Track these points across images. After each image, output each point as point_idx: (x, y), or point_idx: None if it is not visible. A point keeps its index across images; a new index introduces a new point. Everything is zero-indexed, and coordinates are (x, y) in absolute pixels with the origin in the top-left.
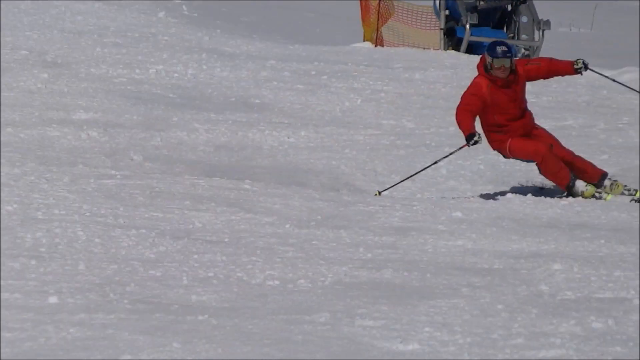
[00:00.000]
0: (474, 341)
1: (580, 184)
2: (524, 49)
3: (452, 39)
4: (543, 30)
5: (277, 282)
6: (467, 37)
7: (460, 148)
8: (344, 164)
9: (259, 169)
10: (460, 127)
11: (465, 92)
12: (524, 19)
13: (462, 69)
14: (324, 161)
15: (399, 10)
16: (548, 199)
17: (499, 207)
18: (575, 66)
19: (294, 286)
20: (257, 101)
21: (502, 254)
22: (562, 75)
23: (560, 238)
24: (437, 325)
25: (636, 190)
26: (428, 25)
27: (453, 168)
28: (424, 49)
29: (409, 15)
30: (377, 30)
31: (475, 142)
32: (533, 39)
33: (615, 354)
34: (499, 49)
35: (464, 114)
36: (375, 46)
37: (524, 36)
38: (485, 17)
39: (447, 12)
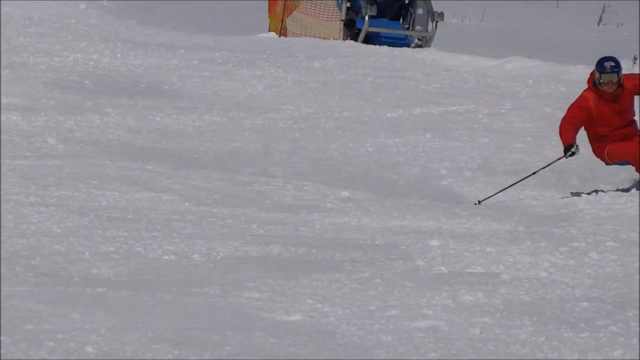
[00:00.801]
0: (353, 312)
1: None
2: (418, 39)
3: (351, 30)
4: (436, 22)
5: (172, 257)
6: (366, 28)
7: (558, 159)
8: (243, 146)
9: (163, 151)
10: (560, 138)
11: (572, 104)
12: (420, 11)
13: (358, 58)
14: (225, 143)
15: (304, 3)
16: (429, 180)
17: (383, 187)
18: None
19: (189, 260)
20: (166, 87)
21: (384, 230)
22: None
23: (440, 216)
24: (319, 297)
25: None
26: (330, 16)
27: (344, 150)
28: (325, 39)
29: (313, 7)
30: (282, 22)
31: (572, 154)
32: (427, 30)
33: (483, 324)
34: (607, 64)
35: (566, 126)
36: (279, 36)
37: (418, 27)
38: (384, 9)
39: (348, 4)
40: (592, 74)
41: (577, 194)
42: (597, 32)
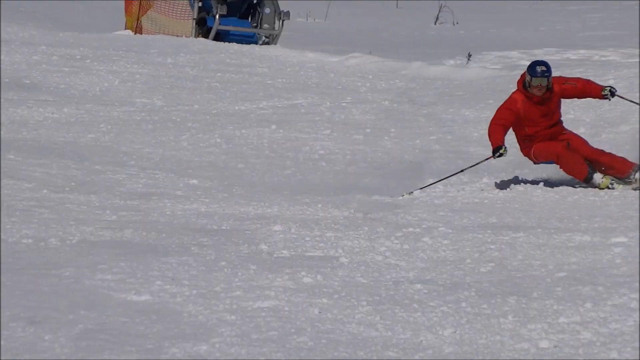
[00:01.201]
0: (199, 293)
1: (597, 177)
2: (265, 36)
3: (202, 28)
4: (283, 20)
5: (30, 241)
6: (216, 26)
7: (487, 159)
8: (99, 137)
9: (24, 141)
10: (489, 139)
11: (501, 105)
12: (267, 10)
13: (208, 55)
14: (82, 134)
15: (158, 2)
16: (274, 169)
17: (230, 176)
18: (603, 92)
19: (45, 244)
20: (27, 82)
21: (230, 216)
22: (593, 97)
23: (283, 203)
24: (167, 279)
25: None
26: (183, 15)
27: (194, 141)
28: (178, 36)
29: (167, 7)
30: (138, 20)
31: (500, 155)
32: (273, 28)
33: (322, 304)
34: (539, 68)
35: (496, 128)
36: (135, 34)
37: (265, 25)
38: (234, 9)
39: (200, 3)
40: (522, 75)
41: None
42: (434, 31)
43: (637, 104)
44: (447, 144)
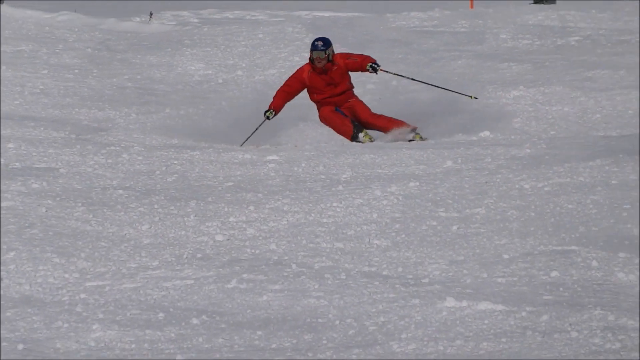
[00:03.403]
0: None
1: (360, 135)
2: None
3: None
4: None
5: None
6: None
7: (264, 121)
8: None
9: None
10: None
11: (291, 75)
12: None
13: None
14: None
15: None
16: (6, 99)
17: None
18: (366, 67)
19: None
20: None
21: None
22: (363, 71)
23: (13, 126)
24: None
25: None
26: None
27: None
28: None
29: None
30: None
31: (268, 118)
32: None
33: (47, 205)
34: (317, 43)
35: (278, 94)
36: None
37: None
38: None
39: None
40: (311, 51)
41: None
42: None
43: (402, 76)
44: (137, 82)
